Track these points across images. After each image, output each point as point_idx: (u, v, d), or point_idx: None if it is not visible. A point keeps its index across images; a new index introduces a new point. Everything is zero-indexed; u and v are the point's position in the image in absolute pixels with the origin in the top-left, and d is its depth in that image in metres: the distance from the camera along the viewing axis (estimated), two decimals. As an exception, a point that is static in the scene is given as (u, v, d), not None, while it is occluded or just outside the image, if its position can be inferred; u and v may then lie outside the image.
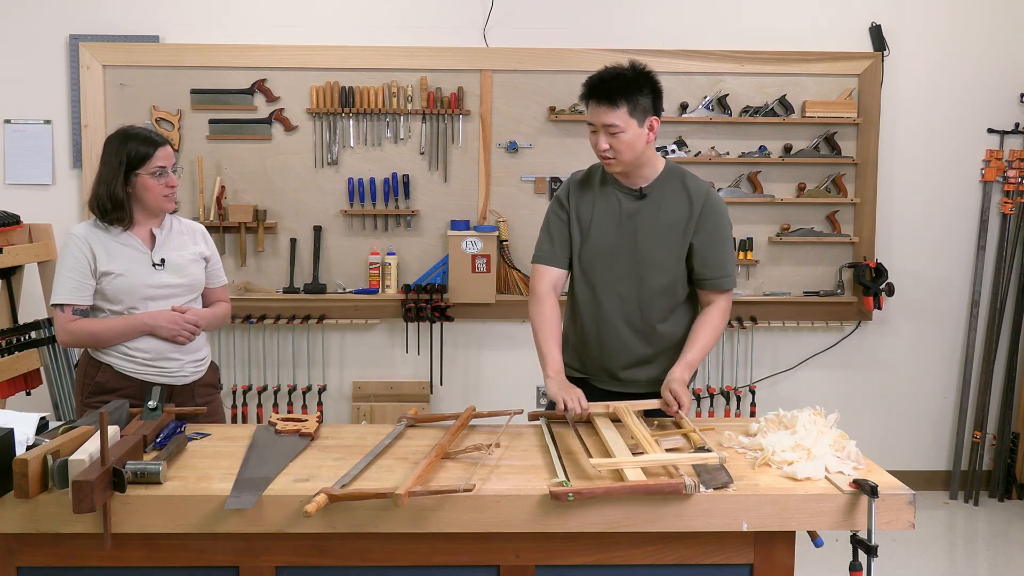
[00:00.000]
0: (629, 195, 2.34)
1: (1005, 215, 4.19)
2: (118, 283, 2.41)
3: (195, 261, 2.55)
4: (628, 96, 2.19)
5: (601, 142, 2.23)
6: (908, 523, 1.77)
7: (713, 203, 2.32)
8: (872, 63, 4.06)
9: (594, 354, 2.42)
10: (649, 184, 2.33)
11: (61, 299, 2.40)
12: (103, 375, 2.46)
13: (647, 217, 2.32)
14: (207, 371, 2.60)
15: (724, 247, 2.34)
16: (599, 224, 2.35)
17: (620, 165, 2.27)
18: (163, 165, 2.43)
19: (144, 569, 1.80)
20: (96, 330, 2.42)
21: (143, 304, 2.44)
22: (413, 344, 4.09)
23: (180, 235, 2.56)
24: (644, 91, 2.22)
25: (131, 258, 2.44)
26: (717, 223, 2.32)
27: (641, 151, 2.26)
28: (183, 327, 2.45)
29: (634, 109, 2.20)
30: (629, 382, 2.41)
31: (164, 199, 2.45)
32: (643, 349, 2.38)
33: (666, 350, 2.38)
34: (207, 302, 2.64)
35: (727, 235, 2.36)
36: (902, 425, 4.30)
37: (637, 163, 2.28)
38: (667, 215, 2.31)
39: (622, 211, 2.34)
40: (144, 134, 2.44)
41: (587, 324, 2.40)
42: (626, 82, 2.20)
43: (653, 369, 2.39)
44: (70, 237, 2.44)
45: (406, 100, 4.01)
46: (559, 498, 1.70)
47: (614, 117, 2.19)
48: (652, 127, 2.25)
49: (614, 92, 2.19)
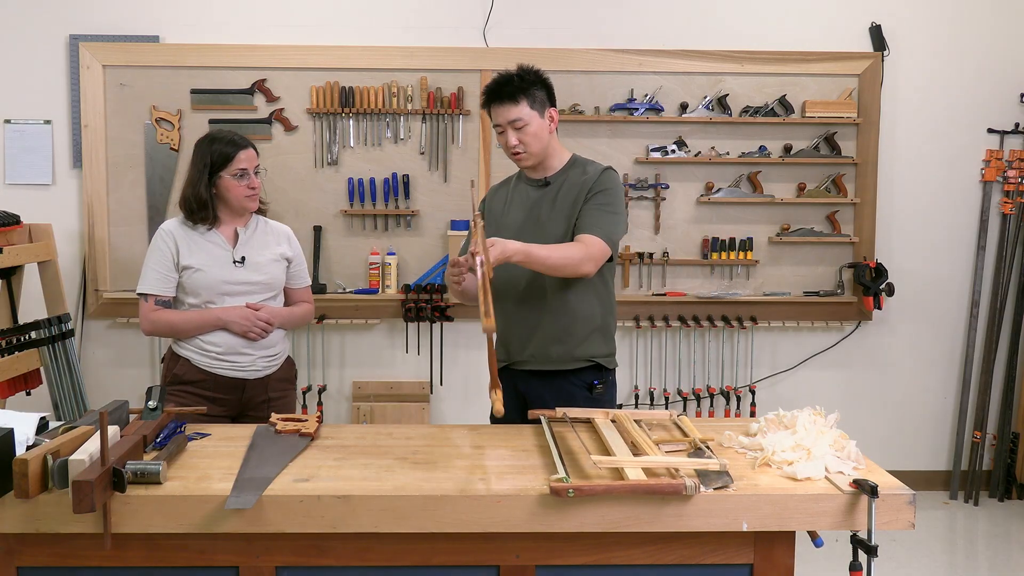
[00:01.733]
0: (534, 185, 2.55)
1: (1005, 215, 4.19)
2: (197, 277, 2.55)
3: (276, 261, 2.67)
4: (525, 92, 2.42)
5: (511, 139, 2.43)
6: (908, 523, 1.77)
7: (605, 177, 2.47)
8: (872, 63, 4.06)
9: (514, 338, 2.54)
10: (553, 173, 2.53)
11: (145, 289, 2.57)
12: (181, 368, 2.60)
13: (548, 199, 2.51)
14: (282, 366, 2.71)
15: (601, 207, 2.43)
16: (509, 213, 2.56)
17: (531, 158, 2.47)
18: (245, 167, 2.57)
19: (144, 569, 1.80)
20: (174, 321, 2.58)
21: (220, 299, 2.57)
22: (413, 344, 4.09)
23: (264, 235, 2.69)
24: (537, 86, 2.45)
25: (212, 254, 2.57)
26: (600, 189, 2.45)
27: (547, 141, 2.47)
28: (255, 324, 2.56)
29: (533, 102, 2.43)
30: (544, 359, 2.50)
31: (246, 199, 2.60)
32: (551, 325, 2.48)
33: (574, 324, 2.48)
34: (290, 302, 2.77)
35: (608, 199, 2.44)
36: (902, 425, 4.30)
37: (545, 153, 2.49)
38: (566, 194, 2.49)
39: (528, 199, 2.54)
40: (228, 137, 2.59)
41: (506, 309, 2.52)
42: (520, 81, 2.43)
43: (564, 346, 2.48)
44: (158, 231, 2.61)
45: (406, 100, 4.01)
46: (559, 494, 1.70)
47: (517, 112, 2.41)
48: (552, 117, 2.48)
49: (513, 91, 2.41)
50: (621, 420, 2.14)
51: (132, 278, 3.95)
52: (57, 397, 3.46)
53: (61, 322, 3.45)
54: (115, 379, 4.08)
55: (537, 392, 2.51)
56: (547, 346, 2.50)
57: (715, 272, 4.16)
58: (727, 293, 4.13)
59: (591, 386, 2.50)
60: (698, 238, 4.14)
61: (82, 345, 4.03)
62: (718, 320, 4.13)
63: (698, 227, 4.14)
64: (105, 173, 3.99)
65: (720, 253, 4.11)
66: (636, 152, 4.09)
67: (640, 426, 2.09)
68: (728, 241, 4.12)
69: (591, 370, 2.52)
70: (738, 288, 4.16)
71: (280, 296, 2.72)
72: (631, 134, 4.08)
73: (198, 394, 2.59)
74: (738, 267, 4.15)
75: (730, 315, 4.14)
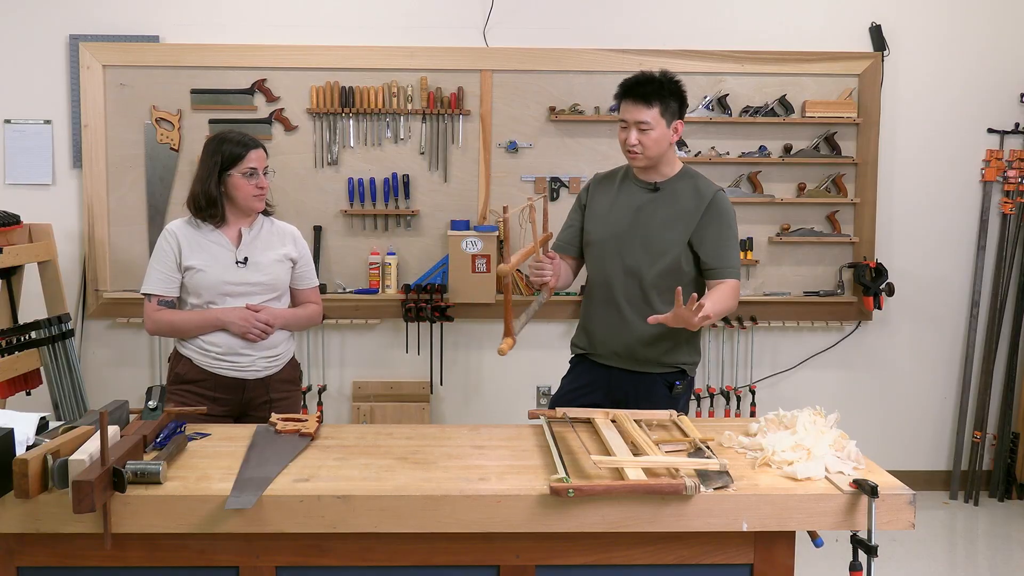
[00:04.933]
0: (644, 188, 2.60)
1: (1005, 215, 4.19)
2: (199, 278, 2.56)
3: (280, 262, 2.67)
4: (661, 98, 2.46)
5: (631, 137, 2.48)
6: (908, 523, 1.78)
7: (719, 201, 2.55)
8: (872, 63, 4.06)
9: (600, 334, 2.63)
10: (664, 180, 2.59)
11: (148, 289, 2.59)
12: (182, 367, 2.61)
13: (658, 207, 2.56)
14: (285, 367, 2.71)
15: (728, 242, 2.55)
16: (615, 212, 2.60)
17: (644, 160, 2.52)
18: (254, 167, 2.58)
19: (144, 569, 1.80)
20: (175, 321, 2.59)
21: (221, 299, 2.58)
22: (413, 344, 4.09)
23: (270, 236, 2.69)
24: (674, 97, 2.50)
25: (214, 255, 2.58)
26: (721, 219, 2.54)
27: (665, 149, 2.53)
28: (254, 325, 2.56)
29: (664, 110, 2.47)
30: (631, 359, 2.60)
31: (253, 199, 2.60)
32: (645, 329, 2.52)
33: (666, 332, 2.53)
34: (296, 302, 2.78)
35: (731, 232, 2.56)
36: (902, 425, 4.30)
37: (659, 160, 2.54)
38: (676, 207, 2.55)
39: (636, 201, 2.59)
40: (238, 137, 2.60)
41: (596, 304, 2.64)
42: (660, 86, 2.47)
43: (655, 351, 2.58)
44: (163, 231, 2.63)
45: (406, 100, 4.01)
46: (559, 494, 1.70)
47: (647, 115, 2.45)
48: (676, 129, 2.53)
49: (649, 93, 2.45)
50: (621, 420, 2.14)
51: (132, 278, 3.96)
52: (57, 397, 3.46)
53: (61, 322, 3.46)
54: (115, 379, 4.07)
55: (619, 380, 2.62)
56: (636, 349, 2.59)
57: (715, 272, 4.16)
58: (727, 293, 4.12)
59: (672, 386, 2.60)
60: (698, 238, 4.14)
61: (82, 345, 4.03)
62: (718, 320, 4.13)
63: (698, 227, 4.13)
64: (105, 173, 3.99)
65: (720, 253, 4.11)
66: (636, 152, 4.08)
67: (640, 426, 2.09)
68: (728, 241, 4.11)
69: (675, 373, 2.61)
70: (738, 288, 4.16)
71: (285, 297, 2.72)
72: (631, 134, 4.07)
73: (199, 394, 2.59)
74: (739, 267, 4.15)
75: (730, 315, 4.14)
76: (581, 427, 2.15)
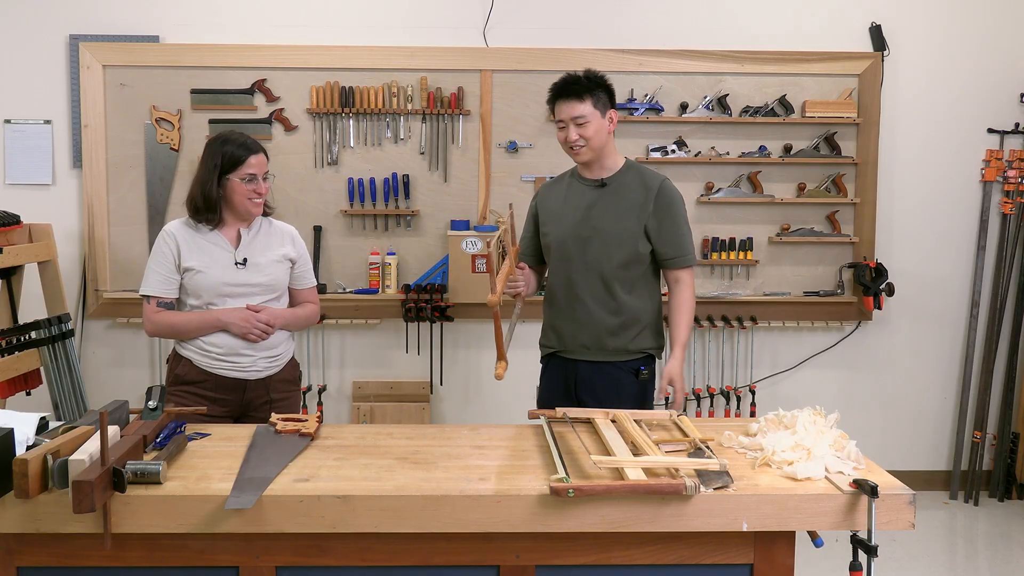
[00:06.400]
0: (591, 186, 2.70)
1: (1005, 215, 4.19)
2: (198, 279, 2.55)
3: (279, 262, 2.66)
4: (590, 92, 2.58)
5: (571, 134, 2.59)
6: (908, 523, 1.78)
7: (666, 189, 2.66)
8: (872, 63, 4.06)
9: (568, 330, 2.72)
10: (610, 175, 2.69)
11: (147, 291, 2.58)
12: (182, 368, 2.61)
13: (608, 203, 2.66)
14: (285, 367, 2.71)
15: (680, 229, 2.68)
16: (568, 213, 2.70)
17: (589, 152, 2.62)
18: (254, 172, 2.57)
19: (144, 569, 1.80)
20: (175, 322, 2.59)
21: (220, 300, 2.57)
22: (413, 344, 4.09)
23: (268, 236, 2.68)
24: (601, 89, 2.61)
25: (213, 256, 2.57)
26: (671, 208, 2.65)
27: (605, 140, 2.63)
28: (254, 325, 2.56)
29: (596, 102, 2.58)
30: (599, 350, 2.69)
31: (250, 203, 2.59)
32: (610, 320, 2.66)
33: (630, 321, 2.67)
34: (294, 302, 2.77)
35: (682, 219, 2.69)
36: (902, 425, 4.30)
37: (602, 152, 2.65)
38: (626, 200, 2.65)
39: (586, 200, 2.68)
40: (240, 140, 2.59)
41: (560, 302, 2.73)
42: (587, 81, 2.59)
43: (620, 339, 2.68)
44: (161, 233, 2.61)
45: (406, 100, 4.01)
46: (559, 494, 1.70)
47: (581, 109, 2.57)
48: (612, 119, 2.64)
49: (580, 89, 2.57)
50: (621, 420, 2.14)
51: (132, 278, 3.96)
52: (57, 397, 3.46)
53: (61, 322, 3.45)
54: (115, 379, 4.08)
55: (586, 375, 2.70)
56: (603, 339, 2.67)
57: (715, 272, 4.16)
58: (727, 293, 4.13)
59: (638, 372, 2.69)
60: (698, 238, 4.13)
61: (82, 345, 4.03)
62: (718, 320, 4.13)
63: (698, 227, 4.13)
64: (105, 173, 3.99)
65: (720, 253, 4.11)
66: (636, 152, 4.09)
67: (640, 426, 2.09)
68: (728, 241, 4.12)
69: (641, 359, 2.71)
70: (738, 288, 4.16)
71: (284, 297, 2.72)
72: (631, 134, 4.07)
73: (199, 394, 2.58)
74: (738, 267, 4.15)
75: (730, 315, 4.14)
76: (581, 427, 2.15)
